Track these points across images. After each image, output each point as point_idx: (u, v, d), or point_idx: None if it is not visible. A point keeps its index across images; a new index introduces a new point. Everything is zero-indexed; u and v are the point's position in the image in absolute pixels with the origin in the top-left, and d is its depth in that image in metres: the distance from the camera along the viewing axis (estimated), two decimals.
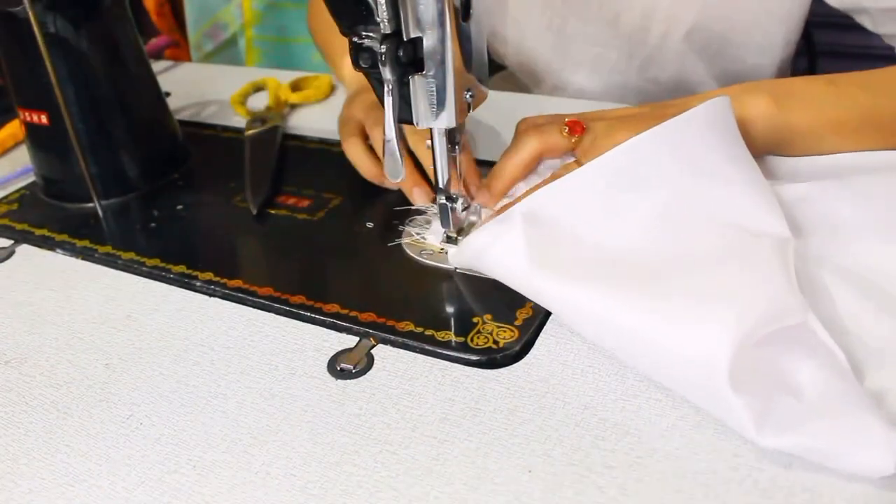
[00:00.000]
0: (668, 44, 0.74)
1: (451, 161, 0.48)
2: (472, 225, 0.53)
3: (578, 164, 0.49)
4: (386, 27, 0.41)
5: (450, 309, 0.47)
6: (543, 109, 0.74)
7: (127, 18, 0.63)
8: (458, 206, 0.49)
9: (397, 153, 0.45)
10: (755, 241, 0.42)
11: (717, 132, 0.47)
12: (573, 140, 0.50)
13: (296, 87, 0.81)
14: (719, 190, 0.45)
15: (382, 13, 0.40)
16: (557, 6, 0.76)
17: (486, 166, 0.62)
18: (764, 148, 0.52)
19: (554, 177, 0.50)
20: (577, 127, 0.50)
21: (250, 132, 0.71)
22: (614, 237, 0.45)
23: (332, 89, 0.81)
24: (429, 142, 0.47)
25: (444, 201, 0.49)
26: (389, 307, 0.47)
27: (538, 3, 0.77)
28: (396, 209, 0.55)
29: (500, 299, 0.46)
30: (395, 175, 0.45)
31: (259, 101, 0.79)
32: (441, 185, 0.48)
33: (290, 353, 0.45)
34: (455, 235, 0.51)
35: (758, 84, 0.52)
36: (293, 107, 0.78)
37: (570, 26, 0.77)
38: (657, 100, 0.77)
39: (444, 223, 0.50)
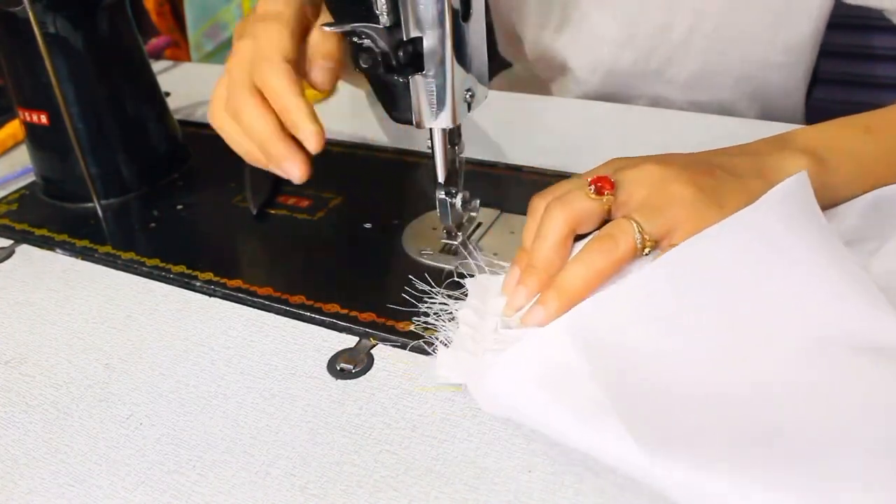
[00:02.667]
0: (689, 43, 0.73)
1: (451, 159, 0.48)
2: (471, 221, 0.52)
3: (627, 217, 0.41)
4: (385, 20, 0.41)
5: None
6: (543, 109, 0.74)
7: (127, 18, 0.63)
8: (458, 200, 0.49)
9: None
10: (872, 364, 0.34)
11: (801, 219, 0.40)
12: (604, 200, 0.42)
13: None
14: (815, 291, 0.37)
15: (381, 5, 0.40)
16: (575, 2, 0.75)
17: (486, 166, 0.62)
18: None
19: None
20: (604, 184, 0.43)
21: None
22: (686, 361, 0.36)
23: (332, 89, 0.81)
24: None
25: (443, 196, 0.49)
26: (389, 307, 0.47)
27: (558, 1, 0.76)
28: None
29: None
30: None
31: None
32: (440, 181, 0.48)
33: (289, 353, 0.45)
34: (455, 231, 0.51)
35: (792, 140, 0.47)
36: None
37: (585, 24, 0.76)
38: (672, 105, 0.77)
39: (444, 218, 0.50)
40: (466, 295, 0.45)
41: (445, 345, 0.42)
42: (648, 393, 0.35)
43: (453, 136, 0.48)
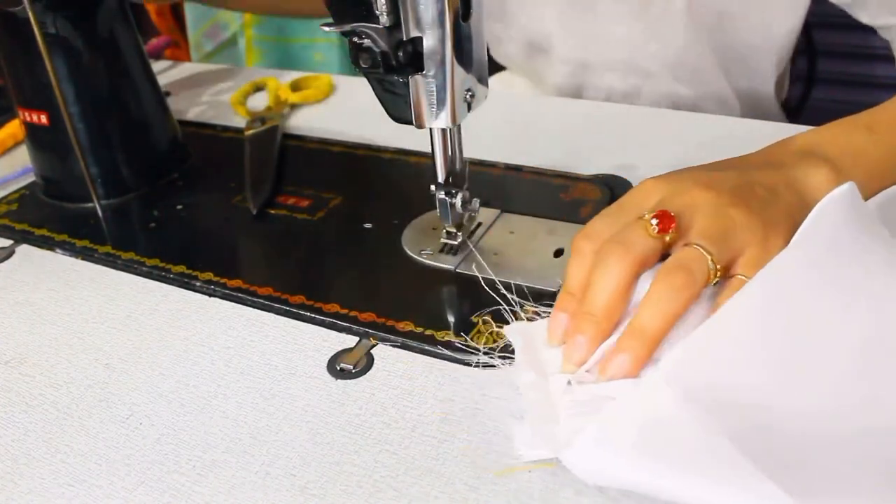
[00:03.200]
0: (670, 13, 0.75)
1: (451, 160, 0.48)
2: (472, 220, 0.52)
3: (692, 245, 0.38)
4: (385, 20, 0.41)
5: (449, 309, 0.47)
6: (543, 110, 0.74)
7: (127, 18, 0.63)
8: (458, 201, 0.49)
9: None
10: None
11: (865, 227, 0.38)
12: (668, 238, 0.39)
13: (296, 86, 0.81)
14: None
15: (381, 5, 0.40)
16: None
17: (485, 166, 0.62)
18: None
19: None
20: (668, 220, 0.38)
21: (250, 132, 0.71)
22: (798, 396, 0.34)
23: (332, 89, 0.81)
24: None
25: (443, 196, 0.49)
26: (389, 307, 0.47)
27: None
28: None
29: (500, 299, 0.46)
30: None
31: (259, 102, 0.79)
32: (440, 181, 0.48)
33: (289, 353, 0.45)
34: (455, 231, 0.51)
35: (808, 147, 0.45)
36: (293, 106, 0.78)
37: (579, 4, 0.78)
38: (662, 79, 0.79)
39: (444, 219, 0.50)
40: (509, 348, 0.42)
41: (515, 418, 0.38)
42: (773, 436, 0.33)
43: (453, 136, 0.48)
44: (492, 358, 0.42)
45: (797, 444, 0.32)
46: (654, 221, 0.39)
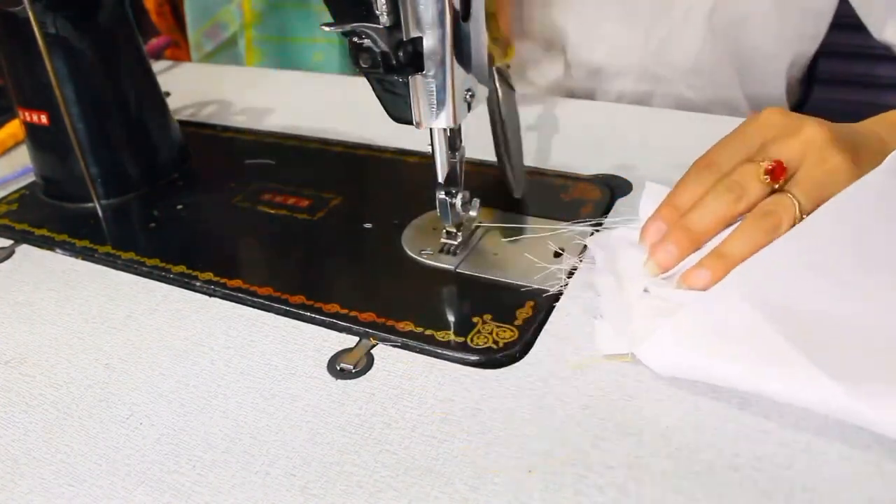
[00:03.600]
0: (689, 23, 0.74)
1: (451, 160, 0.48)
2: (472, 221, 0.52)
3: (786, 193, 0.43)
4: (385, 20, 0.41)
5: (449, 309, 0.47)
6: (544, 109, 0.74)
7: (127, 18, 0.63)
8: (458, 201, 0.49)
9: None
10: None
11: None
12: (777, 186, 0.44)
13: None
14: None
15: (381, 5, 0.40)
16: None
17: (485, 166, 0.62)
18: None
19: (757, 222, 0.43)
20: (779, 173, 0.43)
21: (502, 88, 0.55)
22: (854, 306, 0.39)
23: None
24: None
25: (443, 196, 0.49)
26: (389, 307, 0.47)
27: None
28: None
29: (500, 299, 0.46)
30: None
31: None
32: (440, 181, 0.48)
33: (289, 352, 0.45)
34: (454, 231, 0.51)
35: (890, 128, 0.49)
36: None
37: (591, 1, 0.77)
38: (674, 84, 0.78)
39: (444, 219, 0.50)
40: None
41: (596, 318, 0.43)
42: (828, 336, 0.37)
43: (453, 137, 0.48)
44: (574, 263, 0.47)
45: (848, 343, 0.37)
46: (768, 171, 0.43)
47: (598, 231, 0.49)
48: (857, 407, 0.34)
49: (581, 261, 0.48)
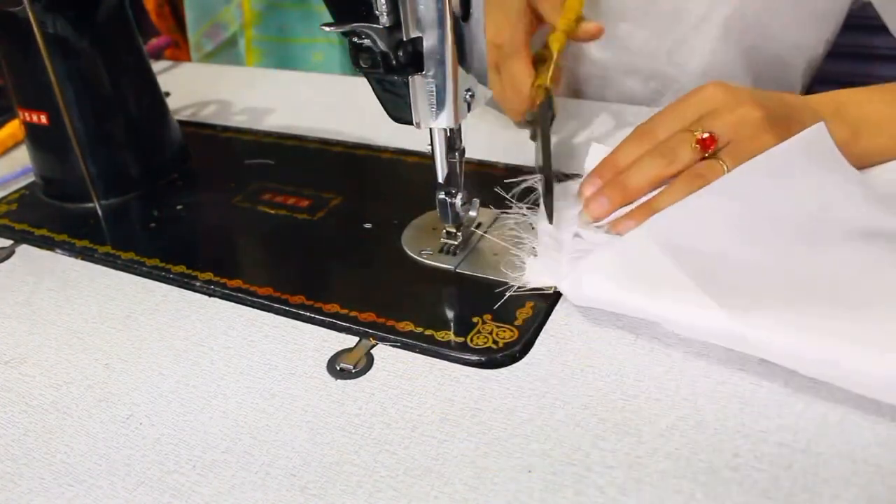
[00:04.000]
0: (705, 27, 0.74)
1: (451, 160, 0.48)
2: (471, 221, 0.52)
3: (717, 159, 0.48)
4: (385, 20, 0.41)
5: (449, 309, 0.47)
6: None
7: (127, 18, 0.63)
8: (458, 201, 0.49)
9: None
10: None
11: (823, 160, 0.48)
12: (707, 155, 0.49)
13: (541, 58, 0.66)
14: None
15: (381, 5, 0.40)
16: None
17: (485, 166, 0.62)
18: None
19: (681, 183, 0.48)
20: (709, 143, 0.48)
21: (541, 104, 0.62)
22: (753, 252, 0.44)
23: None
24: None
25: (443, 196, 0.49)
26: (389, 307, 0.47)
27: None
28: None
29: (500, 299, 0.46)
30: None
31: None
32: (440, 181, 0.48)
33: (289, 353, 0.45)
34: (454, 231, 0.51)
35: (838, 108, 0.52)
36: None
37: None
38: (686, 86, 0.78)
39: (444, 219, 0.50)
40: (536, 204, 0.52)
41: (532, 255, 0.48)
42: (726, 274, 0.42)
43: (453, 137, 0.48)
44: (522, 209, 0.52)
45: (743, 282, 0.41)
46: (699, 141, 0.48)
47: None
48: (739, 331, 0.38)
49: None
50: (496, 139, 0.67)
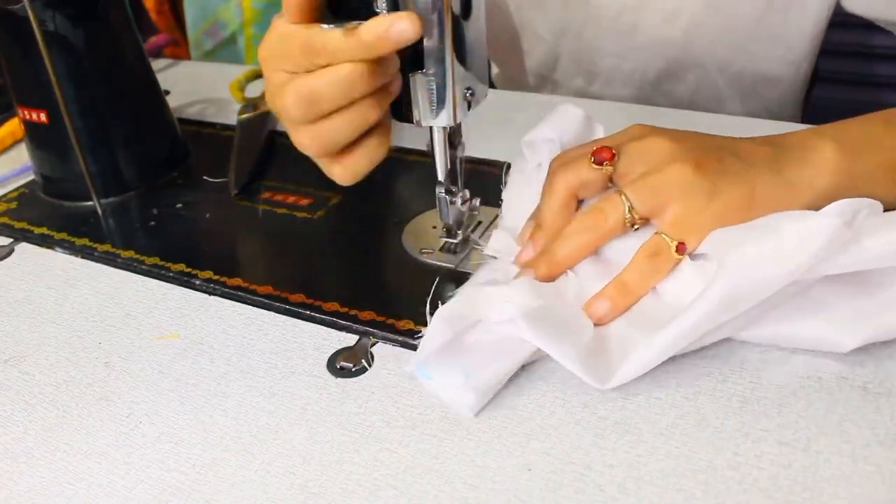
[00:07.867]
0: (689, 54, 0.73)
1: (451, 158, 0.48)
2: (471, 219, 0.53)
3: (620, 192, 0.43)
4: None
5: None
6: (544, 108, 0.74)
7: (126, 17, 0.63)
8: (458, 199, 0.49)
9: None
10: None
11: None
12: (603, 170, 0.44)
13: None
14: None
15: (381, 4, 0.40)
16: (574, 13, 0.75)
17: (485, 165, 0.62)
18: (827, 198, 0.43)
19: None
20: (604, 153, 0.44)
21: (242, 116, 0.72)
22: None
23: None
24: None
25: (443, 195, 0.49)
26: (389, 306, 0.47)
27: (557, 8, 0.76)
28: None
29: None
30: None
31: (258, 89, 0.79)
32: (440, 180, 0.48)
33: (289, 351, 0.45)
34: (455, 229, 0.51)
35: (821, 129, 0.46)
36: None
37: (586, 34, 0.76)
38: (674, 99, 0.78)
39: (444, 217, 0.50)
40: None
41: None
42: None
43: (453, 135, 0.48)
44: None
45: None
46: (593, 156, 0.44)
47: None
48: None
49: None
50: (496, 138, 0.67)
